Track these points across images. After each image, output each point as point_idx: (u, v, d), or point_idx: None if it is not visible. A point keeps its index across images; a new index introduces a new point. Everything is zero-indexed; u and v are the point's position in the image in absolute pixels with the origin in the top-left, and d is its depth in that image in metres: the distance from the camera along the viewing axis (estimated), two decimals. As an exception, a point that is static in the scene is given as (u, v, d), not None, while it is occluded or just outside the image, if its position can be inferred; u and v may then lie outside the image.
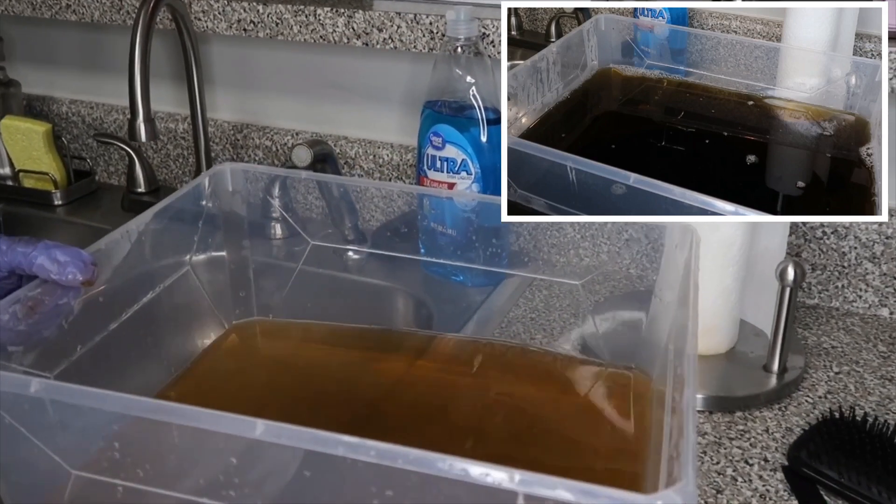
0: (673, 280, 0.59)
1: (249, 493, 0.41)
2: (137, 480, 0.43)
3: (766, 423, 0.66)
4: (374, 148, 0.99)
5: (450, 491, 0.37)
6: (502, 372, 0.67)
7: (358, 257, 0.86)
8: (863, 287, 0.82)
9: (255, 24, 0.95)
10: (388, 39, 0.90)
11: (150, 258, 0.62)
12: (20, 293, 0.49)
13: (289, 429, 0.38)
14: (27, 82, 1.13)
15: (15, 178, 1.07)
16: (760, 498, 0.59)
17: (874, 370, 0.73)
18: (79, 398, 0.41)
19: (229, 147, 1.06)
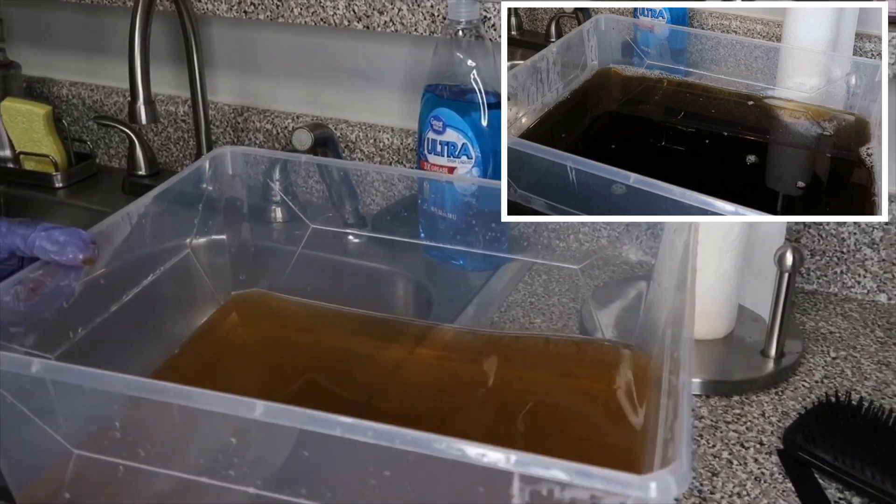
0: (671, 265, 0.59)
1: (248, 473, 0.42)
2: (138, 459, 0.43)
3: (762, 407, 0.67)
4: (374, 132, 0.99)
5: (446, 471, 0.37)
6: (501, 357, 0.67)
7: (358, 241, 0.86)
8: (861, 273, 0.82)
9: (256, 7, 0.95)
10: (389, 22, 0.89)
11: (151, 241, 0.62)
12: (21, 275, 0.49)
13: (287, 409, 0.38)
14: (27, 64, 1.12)
15: (15, 160, 1.08)
16: (755, 480, 0.59)
17: (871, 355, 0.73)
18: (79, 378, 0.41)
19: (230, 130, 1.06)
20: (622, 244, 0.66)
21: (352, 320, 0.69)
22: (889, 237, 0.80)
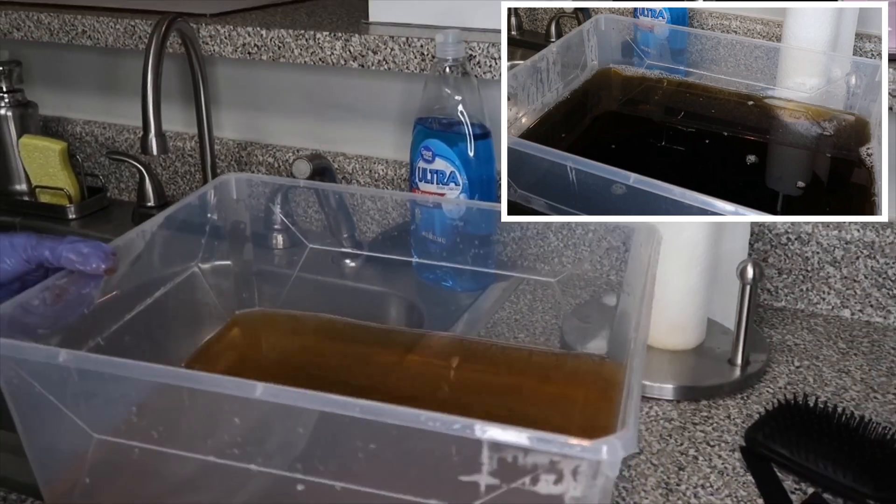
0: (639, 276, 0.64)
1: (251, 451, 0.47)
2: (152, 442, 0.48)
3: (728, 410, 0.72)
4: (370, 163, 1.05)
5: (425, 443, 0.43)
6: (485, 365, 0.73)
7: (354, 265, 0.92)
8: (825, 290, 0.88)
9: (259, 48, 1.02)
10: (383, 61, 0.96)
11: (161, 258, 0.68)
12: (49, 281, 0.55)
13: (284, 389, 0.43)
14: (44, 104, 1.19)
15: (31, 193, 1.14)
16: (719, 474, 0.64)
17: (832, 364, 0.78)
18: (102, 366, 0.46)
19: (234, 164, 1.12)
20: (603, 266, 0.69)
21: (347, 330, 0.74)
22: (849, 256, 0.86)
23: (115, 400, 0.49)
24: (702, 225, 0.73)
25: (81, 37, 1.12)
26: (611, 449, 0.40)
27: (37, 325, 0.54)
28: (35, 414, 0.50)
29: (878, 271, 0.85)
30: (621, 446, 0.40)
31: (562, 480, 0.41)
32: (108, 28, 1.10)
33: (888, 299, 0.85)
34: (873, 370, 0.77)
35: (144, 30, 1.07)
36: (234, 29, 1.02)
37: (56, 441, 0.51)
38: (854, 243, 0.85)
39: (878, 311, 0.86)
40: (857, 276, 0.86)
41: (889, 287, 0.85)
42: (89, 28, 1.11)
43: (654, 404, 0.73)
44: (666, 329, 0.77)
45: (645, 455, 0.66)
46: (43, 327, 0.55)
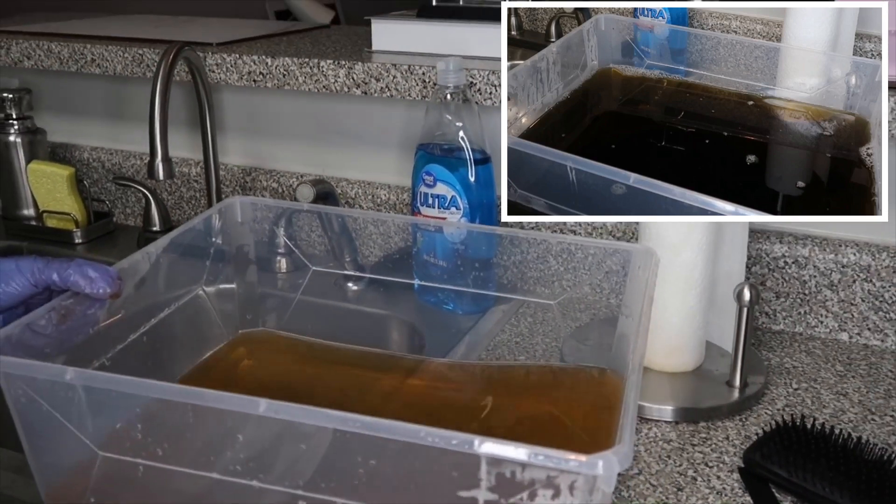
0: (637, 298, 0.65)
1: (254, 468, 0.47)
2: (157, 459, 0.49)
3: (727, 431, 0.72)
4: (372, 189, 1.06)
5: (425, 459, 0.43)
6: (486, 385, 0.73)
7: (356, 287, 0.93)
8: (823, 313, 0.88)
9: (264, 76, 1.04)
10: (385, 88, 0.98)
11: (166, 280, 0.69)
12: (54, 302, 0.56)
13: (287, 406, 0.44)
14: (52, 131, 1.21)
15: (39, 218, 1.15)
16: (717, 494, 0.64)
17: (830, 387, 0.79)
18: (109, 384, 0.47)
19: (238, 189, 1.14)
20: (603, 289, 0.70)
21: (349, 354, 0.75)
22: (846, 279, 0.86)
23: (121, 418, 0.50)
24: (699, 247, 0.74)
25: (90, 65, 1.14)
26: (606, 464, 0.41)
27: (43, 345, 0.55)
28: (42, 432, 0.51)
29: (875, 294, 0.86)
30: (617, 461, 0.41)
31: (559, 495, 0.42)
32: (116, 56, 1.12)
33: (885, 322, 0.86)
34: (871, 392, 0.78)
35: (152, 58, 1.10)
36: (239, 57, 1.04)
37: (62, 458, 0.52)
38: (851, 267, 0.86)
39: (875, 335, 0.87)
40: (855, 300, 0.87)
41: (886, 310, 0.86)
42: (98, 56, 1.13)
43: (653, 425, 0.73)
44: (665, 351, 0.78)
45: (644, 476, 0.67)
46: (49, 347, 0.56)
